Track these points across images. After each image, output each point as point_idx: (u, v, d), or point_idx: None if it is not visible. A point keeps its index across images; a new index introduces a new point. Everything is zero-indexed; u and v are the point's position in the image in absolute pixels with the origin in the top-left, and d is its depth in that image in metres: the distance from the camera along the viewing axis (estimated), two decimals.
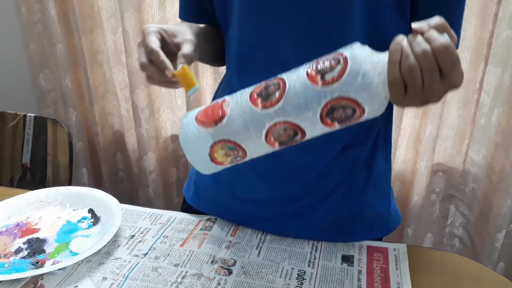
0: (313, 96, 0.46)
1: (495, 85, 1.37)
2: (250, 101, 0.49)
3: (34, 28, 1.70)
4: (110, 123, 1.83)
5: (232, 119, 0.49)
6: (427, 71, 0.44)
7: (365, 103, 0.45)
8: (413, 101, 0.47)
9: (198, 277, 0.67)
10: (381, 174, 0.78)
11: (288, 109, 0.47)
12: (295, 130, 0.48)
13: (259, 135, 0.49)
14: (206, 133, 0.50)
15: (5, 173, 1.32)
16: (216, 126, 0.50)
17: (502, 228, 1.45)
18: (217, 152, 0.51)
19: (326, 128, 0.48)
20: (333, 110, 0.46)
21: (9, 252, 0.73)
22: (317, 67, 0.47)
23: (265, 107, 0.48)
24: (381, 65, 0.45)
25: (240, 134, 0.49)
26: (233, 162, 0.52)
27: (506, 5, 1.27)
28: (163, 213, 0.84)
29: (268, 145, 0.50)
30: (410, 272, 0.68)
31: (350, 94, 0.45)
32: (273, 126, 0.48)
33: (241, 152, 0.51)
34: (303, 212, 0.76)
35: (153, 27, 0.61)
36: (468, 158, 1.51)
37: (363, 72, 0.44)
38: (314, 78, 0.46)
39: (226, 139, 0.50)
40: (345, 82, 0.45)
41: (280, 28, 0.65)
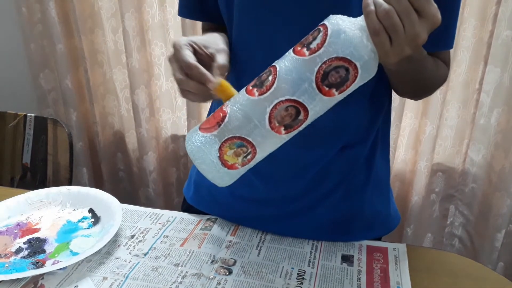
0: (304, 67, 0.47)
1: (495, 85, 1.37)
2: (246, 93, 0.50)
3: (35, 28, 1.70)
4: (110, 123, 1.83)
5: (233, 115, 0.50)
6: (403, 12, 0.45)
7: (354, 58, 0.46)
8: (401, 48, 0.47)
9: (198, 277, 0.67)
10: (380, 174, 0.78)
11: (283, 86, 0.48)
12: (297, 107, 0.48)
13: (262, 122, 0.49)
14: (212, 137, 0.50)
15: (5, 173, 1.32)
16: (219, 127, 0.50)
17: (502, 228, 1.45)
18: (227, 154, 0.50)
19: (326, 98, 0.48)
20: (327, 75, 0.46)
21: (10, 252, 0.73)
22: (301, 43, 0.49)
23: (262, 93, 0.48)
24: (359, 22, 0.47)
25: (244, 127, 0.49)
26: (245, 163, 0.52)
27: (505, 5, 1.27)
28: (163, 213, 0.84)
29: (274, 133, 0.49)
30: (409, 272, 0.68)
31: (338, 53, 0.46)
32: (274, 109, 0.48)
33: (250, 147, 0.50)
34: (303, 211, 0.76)
35: (183, 40, 0.60)
36: (467, 158, 1.51)
37: (343, 29, 0.46)
38: (300, 52, 0.47)
39: (231, 136, 0.50)
40: (329, 43, 0.46)
41: (279, 27, 0.65)
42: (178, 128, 1.79)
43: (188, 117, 1.69)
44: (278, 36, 0.65)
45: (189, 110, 1.67)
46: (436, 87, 0.73)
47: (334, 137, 0.70)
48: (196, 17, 0.81)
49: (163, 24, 1.62)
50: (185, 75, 0.57)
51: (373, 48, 0.46)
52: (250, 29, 0.67)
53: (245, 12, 0.66)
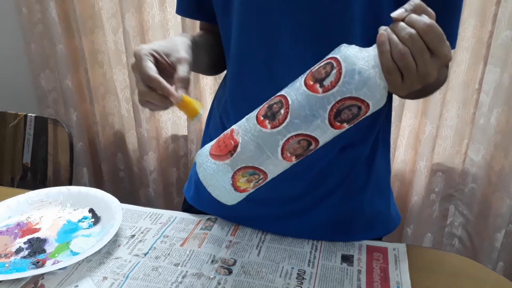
0: (317, 104, 0.47)
1: (494, 85, 1.37)
2: (258, 124, 0.50)
3: (35, 29, 1.70)
4: (110, 123, 1.83)
5: (245, 146, 0.51)
6: (417, 53, 0.46)
7: (367, 98, 0.47)
8: (411, 84, 0.48)
9: (198, 277, 0.67)
10: (381, 174, 0.78)
11: (296, 122, 0.48)
12: (308, 140, 0.49)
13: (275, 154, 0.50)
14: (224, 166, 0.51)
15: (6, 173, 1.32)
16: (232, 156, 0.51)
17: (502, 227, 1.45)
18: (239, 181, 0.52)
19: (337, 131, 0.50)
20: (340, 112, 0.47)
21: (10, 252, 0.73)
22: (313, 76, 0.48)
23: (274, 127, 0.49)
24: (373, 58, 0.47)
25: (257, 158, 0.51)
26: (256, 186, 0.54)
27: (505, 5, 1.27)
28: (163, 212, 0.84)
29: (285, 162, 0.51)
30: (409, 271, 0.69)
31: (351, 94, 0.46)
32: (286, 142, 0.49)
33: (262, 174, 0.52)
34: (304, 211, 0.76)
35: (144, 49, 0.58)
36: (467, 158, 1.51)
37: (358, 69, 0.46)
38: (313, 87, 0.48)
39: (244, 166, 0.51)
40: (343, 83, 0.46)
41: (281, 24, 0.65)
42: (178, 128, 1.79)
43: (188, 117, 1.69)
44: (279, 33, 0.65)
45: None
46: (437, 89, 0.74)
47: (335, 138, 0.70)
48: (193, 16, 0.82)
49: (163, 24, 1.62)
50: (147, 86, 0.57)
51: (385, 85, 0.47)
52: (251, 25, 0.67)
53: (246, 8, 0.66)
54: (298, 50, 0.65)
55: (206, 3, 0.74)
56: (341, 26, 0.63)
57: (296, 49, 0.65)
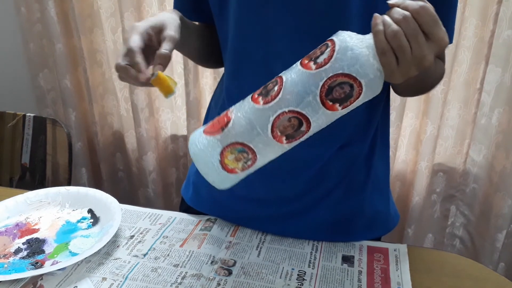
0: (310, 80, 0.47)
1: (496, 85, 1.37)
2: (252, 101, 0.51)
3: (34, 28, 1.70)
4: (109, 123, 1.83)
5: (237, 121, 0.50)
6: (411, 34, 0.46)
7: (359, 75, 0.46)
8: (407, 68, 0.48)
9: (198, 278, 0.67)
10: (380, 173, 0.78)
11: (288, 98, 0.48)
12: (299, 119, 0.49)
13: (265, 131, 0.50)
14: (215, 140, 0.51)
15: (4, 173, 1.32)
16: (223, 131, 0.51)
17: (503, 228, 1.45)
18: (228, 158, 0.51)
19: (329, 112, 0.49)
20: (332, 90, 0.47)
21: (9, 253, 0.73)
22: (309, 56, 0.49)
23: (266, 102, 0.49)
24: (367, 40, 0.48)
25: (247, 134, 0.50)
26: (245, 169, 0.53)
27: (506, 4, 1.27)
28: (162, 213, 0.84)
29: (275, 142, 0.50)
30: (410, 272, 0.68)
31: (343, 70, 0.46)
32: (277, 118, 0.49)
33: (251, 154, 0.51)
34: (303, 211, 0.76)
35: (142, 27, 0.58)
36: (468, 158, 1.50)
37: (351, 46, 0.46)
38: (307, 65, 0.48)
39: (234, 142, 0.50)
40: (336, 59, 0.46)
41: (278, 23, 0.65)
42: (178, 128, 1.79)
43: (188, 117, 1.69)
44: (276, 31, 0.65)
45: (189, 110, 1.67)
46: (435, 85, 0.74)
47: (332, 136, 0.70)
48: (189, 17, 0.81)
49: None
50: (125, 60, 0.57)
51: (379, 67, 0.47)
52: (248, 24, 0.67)
53: (243, 6, 0.66)
54: (295, 48, 0.65)
55: (203, 4, 0.74)
56: (338, 24, 0.63)
57: (293, 47, 0.65)
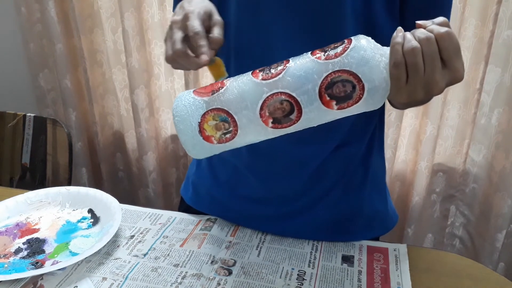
0: (314, 68, 0.47)
1: (496, 85, 1.36)
2: (251, 74, 0.49)
3: (34, 28, 1.70)
4: (109, 123, 1.83)
5: (229, 89, 0.49)
6: (429, 55, 0.45)
7: (365, 77, 0.46)
8: (415, 89, 0.47)
9: (198, 278, 0.67)
10: (377, 173, 0.78)
11: (287, 79, 0.47)
12: (292, 105, 0.48)
13: (254, 106, 0.48)
14: (201, 101, 0.50)
15: (4, 173, 1.32)
16: (212, 95, 0.49)
17: (503, 228, 1.44)
18: (208, 123, 0.49)
19: (323, 108, 0.48)
20: (333, 85, 0.46)
21: (9, 252, 0.73)
22: (322, 48, 0.48)
23: (264, 79, 0.48)
24: (384, 50, 0.47)
25: (235, 104, 0.49)
26: (222, 141, 0.50)
27: (506, 5, 1.27)
28: (162, 213, 0.84)
29: (260, 121, 0.49)
30: (410, 272, 0.68)
31: (351, 67, 0.46)
32: (270, 97, 0.48)
33: (233, 126, 0.49)
34: (302, 211, 0.76)
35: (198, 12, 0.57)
36: (468, 158, 1.50)
37: (366, 47, 0.46)
38: (317, 54, 0.47)
39: (219, 108, 0.49)
40: (347, 55, 0.46)
41: (274, 21, 0.65)
42: None
43: None
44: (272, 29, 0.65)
45: None
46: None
47: (328, 134, 0.70)
48: None
49: (162, 23, 1.61)
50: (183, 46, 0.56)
51: (387, 78, 0.46)
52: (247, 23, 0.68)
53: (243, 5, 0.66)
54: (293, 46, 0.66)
55: None
56: (333, 22, 0.63)
57: (291, 46, 0.66)
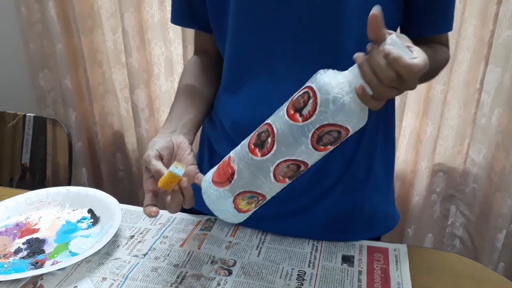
0: (299, 132, 0.50)
1: (496, 85, 1.36)
2: (250, 152, 0.54)
3: (34, 28, 1.70)
4: (109, 123, 1.83)
5: (241, 173, 0.55)
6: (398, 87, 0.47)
7: (344, 123, 0.49)
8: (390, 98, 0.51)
9: (197, 278, 0.67)
10: (380, 173, 0.78)
11: (283, 150, 0.52)
12: (297, 164, 0.53)
13: (268, 179, 0.54)
14: (225, 192, 0.56)
15: (4, 173, 1.32)
16: (230, 183, 0.55)
17: (503, 228, 1.44)
18: (241, 204, 0.57)
19: (323, 153, 0.52)
20: (321, 138, 0.50)
21: (9, 253, 0.73)
22: (293, 105, 0.51)
23: (263, 155, 0.53)
24: (347, 84, 0.48)
25: (253, 183, 0.55)
26: (258, 205, 0.58)
27: (506, 5, 1.27)
28: (162, 213, 0.84)
29: (279, 184, 0.55)
30: (410, 272, 0.68)
31: (329, 121, 0.49)
32: (276, 168, 0.53)
33: (260, 196, 0.56)
34: (303, 210, 0.76)
35: (151, 155, 0.62)
36: (468, 158, 1.50)
37: (332, 98, 0.48)
38: (294, 117, 0.50)
39: (243, 191, 0.55)
40: (320, 112, 0.48)
41: (275, 21, 0.65)
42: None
43: None
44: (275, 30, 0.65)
45: None
46: (438, 72, 0.75)
47: None
48: (188, 25, 0.83)
49: (162, 23, 1.61)
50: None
51: (361, 107, 0.49)
52: (246, 26, 0.68)
53: (241, 9, 0.66)
54: (295, 46, 0.66)
55: (200, 11, 0.75)
56: (336, 20, 0.63)
57: (293, 45, 0.66)
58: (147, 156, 0.61)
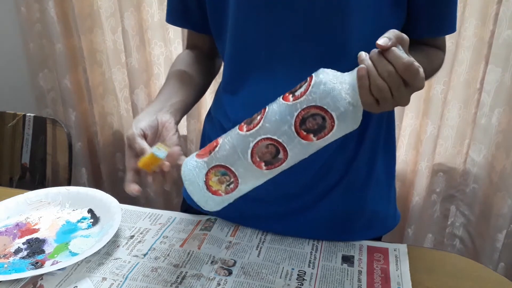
0: (286, 110, 0.52)
1: (496, 85, 1.36)
2: (238, 128, 0.55)
3: (34, 28, 1.70)
4: (109, 123, 1.83)
5: (223, 146, 0.55)
6: (394, 87, 0.50)
7: (330, 108, 0.50)
8: (385, 108, 0.53)
9: (197, 278, 0.67)
10: (381, 172, 0.78)
11: (267, 126, 0.53)
12: (276, 146, 0.53)
13: (245, 155, 0.54)
14: (202, 162, 0.56)
15: (4, 173, 1.32)
16: (210, 155, 0.56)
17: (503, 228, 1.44)
18: (212, 179, 0.56)
19: (304, 142, 0.52)
20: (305, 121, 0.51)
21: (9, 253, 0.73)
22: (291, 90, 0.53)
23: (249, 130, 0.54)
24: (344, 77, 0.51)
25: (229, 158, 0.55)
26: (228, 192, 0.57)
27: (506, 4, 1.27)
28: (162, 213, 0.84)
29: (255, 167, 0.54)
30: (410, 272, 0.68)
31: (316, 102, 0.50)
32: (256, 144, 0.53)
33: (233, 177, 0.55)
34: (303, 209, 0.76)
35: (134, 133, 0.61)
36: (468, 158, 1.50)
37: (324, 81, 0.50)
38: (287, 97, 0.53)
39: (217, 165, 0.55)
40: (310, 92, 0.51)
41: (278, 23, 0.65)
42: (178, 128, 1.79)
43: (188, 117, 1.69)
44: (278, 31, 0.65)
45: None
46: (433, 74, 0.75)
47: None
48: (181, 25, 0.83)
49: (162, 23, 1.61)
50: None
51: (352, 101, 0.50)
52: (248, 28, 0.67)
53: (243, 10, 0.66)
54: (298, 48, 0.66)
55: (194, 11, 0.76)
56: (338, 21, 0.63)
57: (295, 48, 0.65)
58: (132, 134, 0.61)
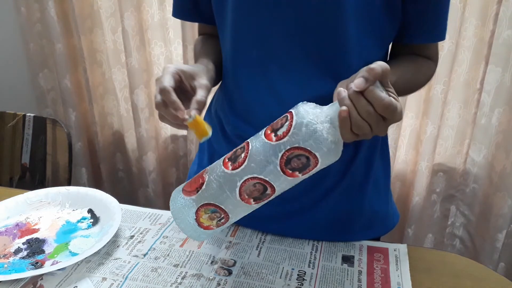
0: (270, 151, 0.52)
1: (496, 85, 1.37)
2: (222, 165, 0.55)
3: (34, 28, 1.70)
4: (109, 123, 1.83)
5: (209, 184, 0.55)
6: (374, 124, 0.52)
7: (313, 149, 0.50)
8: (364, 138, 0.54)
9: (198, 278, 0.67)
10: (379, 173, 0.78)
11: (252, 166, 0.53)
12: (264, 185, 0.53)
13: (233, 194, 0.54)
14: (190, 201, 0.56)
15: (4, 173, 1.32)
16: (197, 193, 0.56)
17: (503, 228, 1.45)
18: (202, 217, 0.56)
19: (290, 179, 0.53)
20: (290, 160, 0.51)
21: (9, 253, 0.73)
22: (272, 127, 0.53)
23: (234, 168, 0.54)
24: (323, 115, 0.52)
25: (218, 196, 0.55)
26: (220, 225, 0.57)
27: (506, 5, 1.27)
28: (162, 213, 0.84)
29: (243, 203, 0.55)
30: (410, 272, 0.68)
31: (299, 144, 0.50)
32: (243, 184, 0.53)
33: (223, 213, 0.56)
34: (303, 210, 0.76)
35: (172, 67, 0.61)
36: (468, 158, 1.50)
37: (306, 122, 0.50)
38: (269, 136, 0.53)
39: (207, 203, 0.55)
40: (292, 134, 0.51)
41: (272, 23, 0.65)
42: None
43: None
44: (270, 32, 0.65)
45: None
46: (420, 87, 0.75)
47: None
48: (190, 19, 0.82)
49: (162, 23, 1.61)
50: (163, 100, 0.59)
51: (334, 139, 0.51)
52: (243, 27, 0.68)
53: (239, 9, 0.66)
54: (290, 49, 0.66)
55: (202, 5, 0.75)
56: (334, 22, 0.63)
57: (288, 48, 0.66)
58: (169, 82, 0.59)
